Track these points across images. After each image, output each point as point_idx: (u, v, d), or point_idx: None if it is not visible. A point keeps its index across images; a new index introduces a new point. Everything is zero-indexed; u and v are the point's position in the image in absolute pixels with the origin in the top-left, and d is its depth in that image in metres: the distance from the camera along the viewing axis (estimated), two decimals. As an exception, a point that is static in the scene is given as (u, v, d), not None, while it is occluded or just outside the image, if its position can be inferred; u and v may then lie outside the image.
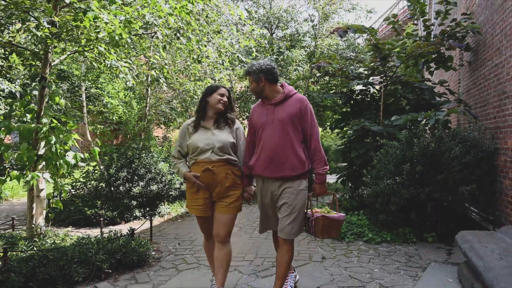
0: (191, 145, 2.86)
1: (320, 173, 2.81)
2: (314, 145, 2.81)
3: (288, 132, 2.74)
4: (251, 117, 2.98)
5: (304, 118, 2.80)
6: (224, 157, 2.82)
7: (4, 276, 3.10)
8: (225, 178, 2.83)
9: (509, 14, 4.57)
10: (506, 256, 2.73)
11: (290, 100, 2.82)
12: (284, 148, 2.73)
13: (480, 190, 4.64)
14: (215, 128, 2.90)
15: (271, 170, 2.77)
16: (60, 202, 4.11)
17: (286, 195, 2.76)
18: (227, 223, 2.86)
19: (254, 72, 2.80)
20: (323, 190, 2.85)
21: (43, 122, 3.87)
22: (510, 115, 4.46)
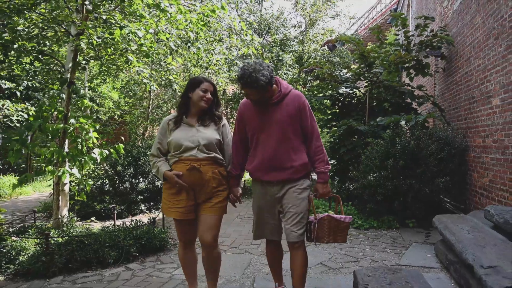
0: (173, 142, 2.61)
1: (323, 172, 2.62)
2: (315, 144, 2.63)
3: (288, 135, 2.56)
4: (241, 114, 2.68)
5: (303, 116, 2.59)
6: (211, 155, 2.62)
7: (48, 258, 3.55)
8: (212, 178, 2.62)
9: (477, 29, 5.27)
10: (472, 231, 3.37)
11: (287, 99, 2.57)
12: (285, 153, 2.56)
13: (453, 182, 5.32)
14: (199, 124, 2.67)
15: (271, 174, 2.59)
16: (85, 195, 4.53)
17: (289, 195, 2.59)
18: (213, 225, 2.64)
19: (262, 86, 2.41)
20: (327, 190, 2.66)
21: (70, 122, 4.30)
22: (478, 117, 5.16)
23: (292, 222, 2.56)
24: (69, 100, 4.25)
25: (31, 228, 4.32)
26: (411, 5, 11.99)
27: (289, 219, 2.58)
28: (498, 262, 2.56)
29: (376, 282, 2.29)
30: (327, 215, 2.60)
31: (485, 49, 4.97)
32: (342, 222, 2.61)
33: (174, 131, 2.66)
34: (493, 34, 4.70)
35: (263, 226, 2.70)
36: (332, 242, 2.65)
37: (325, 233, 2.60)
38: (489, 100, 4.77)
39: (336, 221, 2.60)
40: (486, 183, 4.87)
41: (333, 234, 2.61)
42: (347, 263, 3.79)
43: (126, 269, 3.72)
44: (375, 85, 6.85)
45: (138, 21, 4.38)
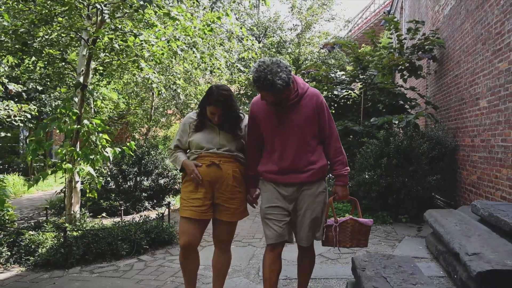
0: (194, 143, 2.56)
1: (342, 174, 2.49)
2: (334, 145, 2.49)
3: (306, 137, 2.42)
4: (253, 114, 2.52)
5: (321, 116, 2.44)
6: (232, 153, 2.56)
7: (67, 250, 3.79)
8: (232, 177, 2.54)
9: (466, 34, 5.58)
10: (460, 224, 3.67)
11: (304, 99, 2.42)
12: (303, 156, 2.43)
13: (444, 180, 5.63)
14: (221, 127, 2.57)
15: (287, 177, 2.46)
16: (96, 192, 4.78)
17: (305, 198, 2.46)
18: (230, 231, 2.67)
19: (280, 90, 2.23)
20: (346, 193, 2.53)
21: (83, 123, 4.54)
22: (467, 118, 5.47)
23: (308, 227, 2.45)
24: (82, 103, 4.49)
25: (47, 223, 4.56)
26: (404, 8, 12.33)
27: (304, 224, 2.46)
28: (481, 250, 2.85)
29: (372, 266, 2.57)
30: (350, 218, 2.45)
31: (473, 53, 5.28)
32: (365, 225, 2.49)
33: (196, 132, 2.58)
34: (480, 40, 5.01)
35: (273, 226, 2.46)
36: (355, 246, 2.50)
37: (348, 237, 2.44)
38: (477, 102, 5.08)
39: (359, 224, 2.46)
40: (474, 180, 5.18)
41: (356, 238, 2.47)
42: (344, 254, 4.07)
43: (138, 260, 3.97)
44: (369, 87, 7.15)
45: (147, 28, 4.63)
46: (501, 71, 4.31)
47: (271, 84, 2.20)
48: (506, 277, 2.45)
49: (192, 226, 2.50)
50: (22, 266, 3.84)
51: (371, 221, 2.54)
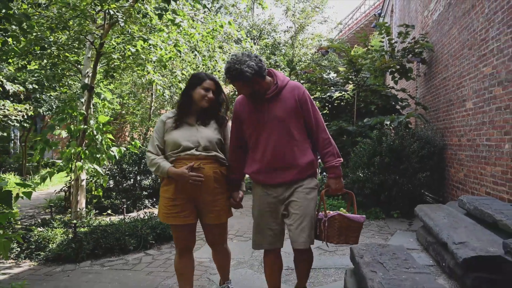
0: (170, 142, 2.47)
1: (334, 166, 2.37)
2: (322, 137, 2.39)
3: (290, 131, 2.34)
4: (236, 112, 2.48)
5: (304, 108, 2.36)
6: (211, 154, 2.47)
7: (77, 245, 3.97)
8: (213, 178, 2.47)
9: (454, 39, 5.88)
10: (448, 217, 3.94)
11: (284, 92, 2.37)
12: (288, 151, 2.33)
13: (433, 177, 5.92)
14: (200, 124, 2.53)
15: (275, 177, 2.38)
16: (101, 190, 4.96)
17: (296, 196, 2.36)
18: (222, 231, 2.63)
19: (247, 78, 2.21)
20: (340, 186, 2.42)
21: (90, 123, 4.71)
22: (454, 119, 5.77)
23: (300, 227, 2.30)
24: (89, 104, 4.67)
25: (54, 221, 4.72)
26: (395, 11, 12.67)
27: (295, 222, 2.31)
28: (467, 239, 3.11)
29: (369, 254, 2.81)
30: (338, 214, 2.33)
31: (460, 57, 5.57)
32: (355, 222, 2.34)
33: (172, 130, 2.50)
34: (467, 45, 5.30)
35: (264, 233, 2.42)
36: (343, 243, 2.37)
37: (336, 232, 2.32)
38: (464, 104, 5.37)
39: (348, 220, 2.32)
40: (461, 178, 5.47)
41: (344, 234, 2.34)
42: (341, 246, 4.31)
43: (146, 255, 4.17)
44: (362, 89, 7.43)
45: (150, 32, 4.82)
46: (485, 75, 4.61)
47: (239, 72, 2.19)
48: (488, 262, 2.71)
49: (182, 231, 2.52)
50: (33, 261, 4.00)
51: (363, 217, 2.40)
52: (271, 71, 2.44)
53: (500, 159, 4.21)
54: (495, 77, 4.34)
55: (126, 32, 4.07)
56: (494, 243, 2.97)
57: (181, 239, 2.57)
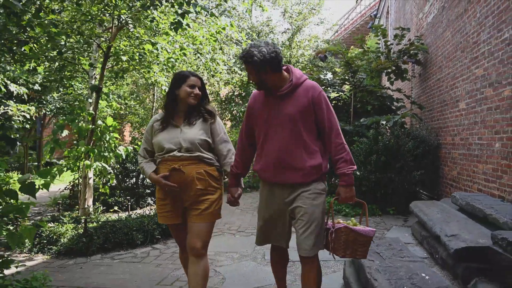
0: (156, 144, 2.48)
1: (345, 173, 2.23)
2: (335, 141, 2.26)
3: (299, 131, 2.25)
4: (250, 107, 2.44)
5: (318, 110, 2.26)
6: (194, 154, 2.44)
7: (88, 239, 4.15)
8: (196, 179, 2.42)
9: (447, 42, 6.10)
10: (441, 212, 4.14)
11: (299, 90, 2.28)
12: (295, 152, 2.26)
13: (427, 175, 6.14)
14: (185, 124, 2.51)
15: (280, 176, 2.30)
16: (108, 188, 5.13)
17: (300, 201, 2.25)
18: (201, 233, 2.44)
19: (256, 63, 2.16)
20: (351, 194, 2.29)
21: (97, 123, 4.88)
22: (448, 118, 5.99)
23: (305, 233, 2.20)
24: (97, 104, 4.83)
25: (64, 217, 4.89)
26: (390, 12, 12.89)
27: (300, 229, 2.22)
28: (458, 232, 3.32)
29: (367, 245, 3.01)
30: (344, 227, 2.20)
31: (453, 59, 5.79)
32: (362, 235, 2.18)
33: (159, 132, 2.51)
34: (460, 48, 5.52)
35: (269, 232, 2.40)
36: (349, 257, 2.23)
37: (342, 246, 2.19)
38: (457, 104, 5.59)
39: (355, 234, 2.17)
40: (454, 175, 5.69)
41: (351, 248, 2.19)
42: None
43: (153, 249, 4.35)
44: (358, 89, 7.64)
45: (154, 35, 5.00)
46: (477, 76, 4.82)
47: (249, 55, 2.17)
48: (478, 252, 2.91)
49: (175, 230, 2.59)
50: (46, 254, 4.17)
51: (372, 230, 2.22)
52: (289, 68, 2.35)
53: (491, 157, 4.43)
54: (486, 78, 4.55)
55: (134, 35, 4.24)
56: (484, 235, 3.17)
57: (176, 236, 2.64)
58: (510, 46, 3.96)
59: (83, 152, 4.58)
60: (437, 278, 2.32)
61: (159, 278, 3.42)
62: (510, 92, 3.96)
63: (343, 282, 3.15)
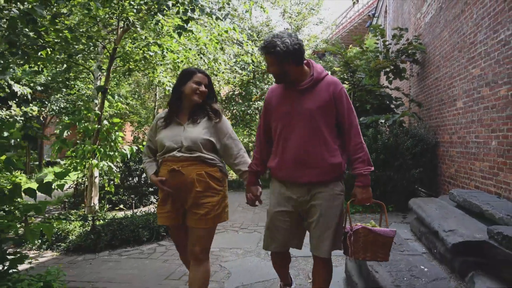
0: (158, 142, 2.42)
1: (362, 174, 2.17)
2: (354, 140, 2.19)
3: (319, 128, 2.17)
4: (268, 102, 2.35)
5: (338, 106, 2.19)
6: (194, 155, 2.35)
7: (96, 236, 4.26)
8: (196, 181, 2.33)
9: (445, 42, 6.22)
10: (439, 209, 4.27)
11: (321, 85, 2.20)
12: (313, 149, 2.17)
13: (426, 173, 6.27)
14: (189, 122, 2.43)
15: (296, 174, 2.21)
16: (114, 187, 5.24)
17: (318, 202, 2.18)
18: (201, 237, 2.37)
19: (278, 53, 2.08)
20: (367, 195, 2.22)
21: (103, 123, 4.98)
22: (446, 117, 6.11)
23: (322, 236, 2.16)
24: (103, 104, 4.94)
25: (71, 215, 5.00)
26: (388, 12, 13.01)
27: (317, 231, 2.18)
28: (456, 227, 3.44)
29: (368, 240, 3.13)
30: (362, 227, 2.13)
31: (451, 59, 5.91)
32: (382, 236, 2.11)
33: (162, 130, 2.45)
34: (457, 48, 5.64)
35: (278, 233, 2.27)
36: (370, 259, 2.15)
37: (360, 248, 2.11)
38: (455, 103, 5.71)
39: (374, 235, 2.10)
40: (452, 173, 5.82)
41: (370, 250, 2.11)
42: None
43: (159, 245, 4.47)
44: (357, 89, 7.76)
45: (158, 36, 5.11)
46: (474, 76, 4.94)
47: (272, 45, 2.09)
48: (475, 247, 3.04)
49: (176, 230, 2.52)
50: (55, 251, 4.29)
51: (392, 231, 2.15)
52: (310, 62, 2.27)
53: (487, 155, 4.55)
54: (483, 78, 4.67)
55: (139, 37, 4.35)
56: (480, 230, 3.29)
57: (175, 237, 2.58)
58: (506, 47, 4.08)
59: (89, 152, 4.68)
60: (435, 270, 2.44)
61: (167, 273, 3.54)
62: (506, 92, 4.08)
63: (345, 275, 3.27)
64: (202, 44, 4.92)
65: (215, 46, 5.13)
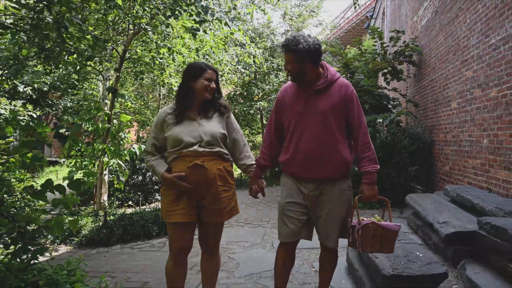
0: (172, 137, 2.34)
1: (369, 172, 2.31)
2: (362, 140, 2.32)
3: (331, 127, 2.29)
4: (280, 99, 2.45)
5: (349, 108, 2.32)
6: (214, 150, 2.36)
7: (108, 230, 4.48)
8: (217, 176, 2.34)
9: (440, 45, 6.47)
10: (434, 203, 4.51)
11: (334, 86, 2.32)
12: (325, 148, 2.29)
13: (422, 170, 6.51)
14: (202, 117, 2.41)
15: (307, 170, 2.33)
16: (123, 184, 5.45)
17: (327, 196, 2.33)
18: (218, 231, 2.46)
19: (299, 52, 2.18)
20: (373, 192, 2.35)
21: (113, 123, 5.19)
22: (441, 117, 6.36)
23: (331, 228, 2.32)
24: (113, 104, 5.15)
25: (82, 211, 5.21)
26: (386, 14, 13.26)
27: (328, 224, 2.33)
28: (449, 219, 3.68)
29: (367, 231, 3.36)
30: (372, 222, 2.23)
31: (446, 61, 6.15)
32: (390, 230, 2.23)
33: (174, 125, 2.37)
34: (451, 50, 5.88)
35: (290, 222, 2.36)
36: (377, 252, 2.28)
37: (369, 241, 2.21)
38: (449, 103, 5.95)
39: (382, 229, 2.22)
40: (447, 170, 6.06)
41: (378, 243, 2.23)
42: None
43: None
44: (356, 89, 7.99)
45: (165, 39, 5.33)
46: (467, 78, 5.19)
47: (295, 43, 2.19)
48: (466, 236, 3.28)
49: (183, 230, 2.35)
50: (68, 245, 4.50)
51: (398, 225, 2.27)
52: (324, 64, 2.38)
53: (479, 152, 4.80)
54: (475, 80, 4.92)
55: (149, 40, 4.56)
56: (472, 222, 3.53)
57: (179, 238, 2.37)
58: (496, 51, 4.33)
59: (100, 150, 4.89)
60: (429, 256, 2.67)
61: (178, 264, 3.76)
62: (496, 93, 4.33)
63: (346, 264, 3.50)
64: (208, 46, 5.15)
65: (221, 48, 5.35)
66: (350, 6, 24.72)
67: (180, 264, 2.43)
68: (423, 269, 2.44)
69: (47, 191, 2.59)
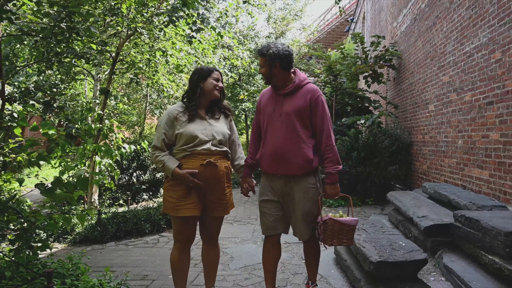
0: (186, 134, 2.46)
1: (330, 173, 2.50)
2: (324, 142, 2.51)
3: (295, 128, 2.49)
4: (259, 102, 2.71)
5: (314, 112, 2.51)
6: (223, 149, 2.57)
7: (102, 228, 4.58)
8: (225, 174, 2.56)
9: (418, 50, 6.82)
10: (413, 199, 4.81)
11: (301, 91, 2.54)
12: (289, 147, 2.49)
13: (401, 169, 6.85)
14: (210, 117, 2.59)
15: (275, 167, 2.55)
16: (114, 183, 5.53)
17: (294, 193, 2.54)
18: (220, 224, 2.70)
19: (270, 56, 2.46)
20: (335, 191, 2.54)
21: (105, 123, 5.28)
22: (419, 119, 6.71)
23: (299, 222, 2.53)
24: (105, 105, 5.24)
25: (75, 209, 5.27)
26: (366, 19, 13.69)
27: (296, 219, 2.55)
28: (427, 214, 3.97)
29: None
30: (329, 218, 2.42)
31: (424, 66, 6.51)
32: (346, 225, 2.41)
33: (187, 123, 2.50)
34: (429, 56, 6.24)
35: (266, 219, 2.61)
36: (337, 244, 2.47)
37: (328, 236, 2.42)
38: (427, 106, 6.31)
39: (340, 224, 2.40)
40: (425, 169, 6.41)
41: (337, 237, 2.42)
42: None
43: (161, 236, 4.82)
44: (339, 92, 8.31)
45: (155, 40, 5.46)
46: (444, 82, 5.53)
47: (267, 49, 2.50)
48: (443, 228, 3.57)
49: (189, 223, 2.52)
50: (62, 243, 4.57)
51: (355, 220, 2.45)
52: (296, 71, 2.62)
53: (455, 152, 5.14)
54: (451, 84, 5.26)
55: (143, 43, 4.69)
56: (448, 215, 3.83)
57: (185, 231, 2.54)
58: (470, 58, 4.67)
59: (91, 150, 4.97)
60: (411, 245, 2.93)
61: (174, 259, 3.91)
62: (470, 97, 4.67)
63: (334, 256, 3.74)
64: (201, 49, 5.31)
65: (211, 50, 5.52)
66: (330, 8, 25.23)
67: (185, 252, 2.62)
68: (406, 256, 2.69)
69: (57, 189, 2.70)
